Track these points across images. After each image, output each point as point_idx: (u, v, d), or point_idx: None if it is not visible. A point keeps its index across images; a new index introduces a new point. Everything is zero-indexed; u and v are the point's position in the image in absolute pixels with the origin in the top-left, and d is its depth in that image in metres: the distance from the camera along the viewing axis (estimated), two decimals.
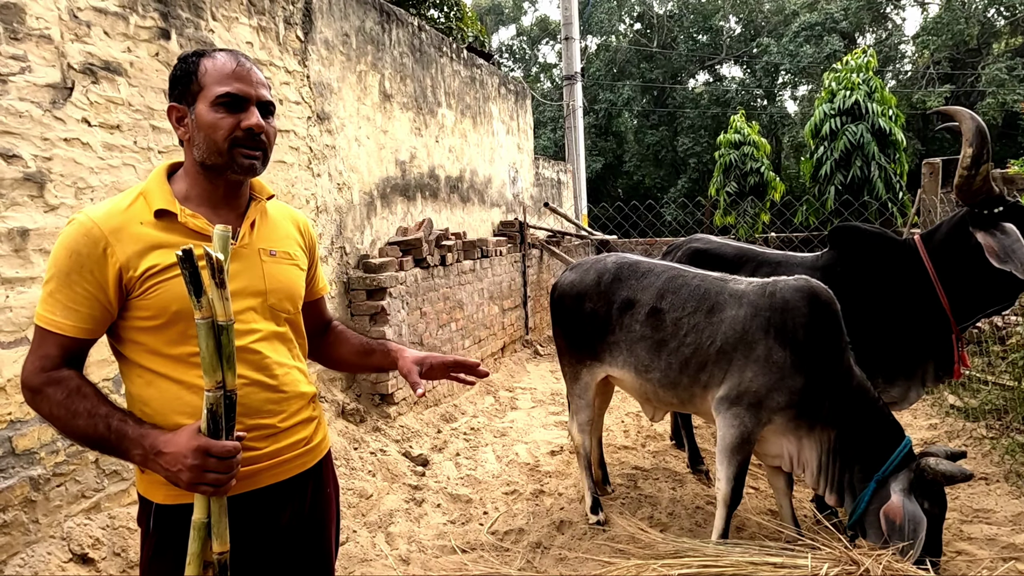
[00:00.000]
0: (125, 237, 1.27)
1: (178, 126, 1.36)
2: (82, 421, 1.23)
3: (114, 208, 1.30)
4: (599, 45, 26.28)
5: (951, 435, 4.34)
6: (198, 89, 1.33)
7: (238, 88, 1.32)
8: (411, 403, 5.01)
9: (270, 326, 1.40)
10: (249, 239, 1.40)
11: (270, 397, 1.38)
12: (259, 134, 1.33)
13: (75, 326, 1.26)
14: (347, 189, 4.85)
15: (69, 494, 2.73)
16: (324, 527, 1.54)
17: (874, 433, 2.55)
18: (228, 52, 1.37)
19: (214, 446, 1.17)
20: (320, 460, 1.52)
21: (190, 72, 1.34)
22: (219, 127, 1.30)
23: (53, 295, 1.26)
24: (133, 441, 1.21)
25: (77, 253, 1.25)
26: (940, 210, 6.44)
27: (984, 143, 2.75)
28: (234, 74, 1.33)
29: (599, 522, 3.32)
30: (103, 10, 2.93)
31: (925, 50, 20.89)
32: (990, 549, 2.93)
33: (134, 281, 1.27)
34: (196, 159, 1.35)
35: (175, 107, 1.36)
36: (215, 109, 1.31)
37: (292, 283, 1.46)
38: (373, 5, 5.26)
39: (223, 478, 1.18)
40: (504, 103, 8.34)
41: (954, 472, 2.29)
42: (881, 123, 9.29)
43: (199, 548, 1.21)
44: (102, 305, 1.27)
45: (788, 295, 2.74)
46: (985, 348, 5.21)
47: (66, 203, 2.75)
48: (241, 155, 1.32)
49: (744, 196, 10.57)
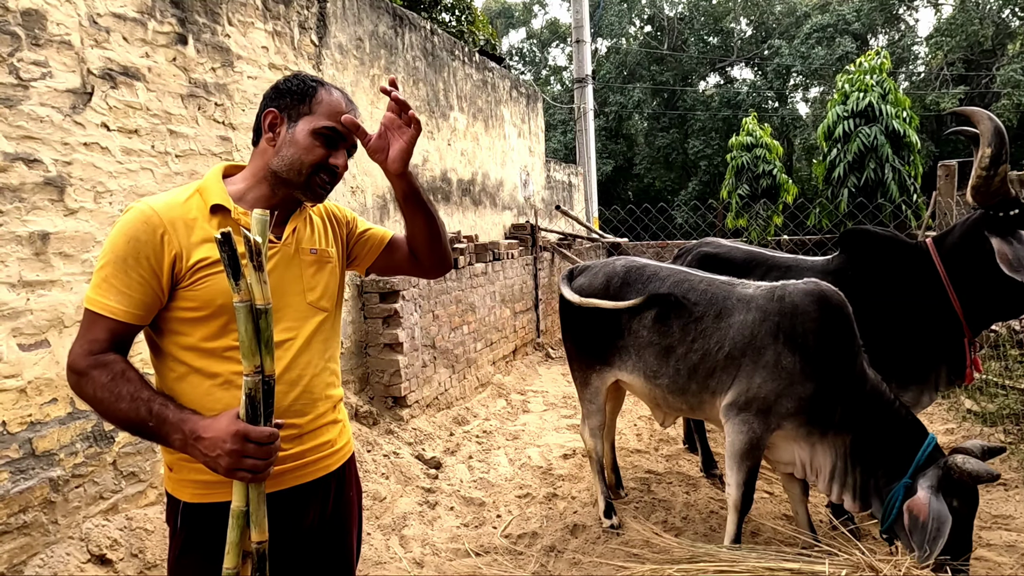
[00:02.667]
0: (181, 227, 1.32)
1: (268, 130, 1.42)
2: (124, 404, 1.24)
3: (172, 200, 1.35)
4: (609, 48, 26.27)
5: (968, 439, 4.29)
6: (307, 112, 1.40)
7: (342, 129, 1.40)
8: (423, 405, 5.02)
9: (307, 325, 1.43)
10: (292, 239, 1.45)
11: (298, 397, 1.40)
12: (339, 173, 1.43)
13: (126, 311, 1.29)
14: (360, 192, 4.87)
15: (87, 495, 2.75)
16: (346, 530, 1.55)
17: (894, 435, 2.51)
18: (344, 94, 1.47)
19: (252, 431, 1.18)
20: (344, 463, 1.53)
21: (306, 93, 1.41)
22: (311, 153, 1.38)
23: (108, 279, 1.28)
24: (173, 426, 1.23)
25: (136, 239, 1.28)
26: (956, 213, 6.38)
27: (1003, 143, 2.72)
28: (342, 115, 1.40)
29: (613, 526, 3.31)
30: (122, 16, 2.97)
31: (939, 51, 20.72)
32: (1010, 556, 2.89)
33: (185, 271, 1.31)
34: (272, 167, 1.40)
35: (274, 112, 1.42)
36: (315, 137, 1.39)
37: (329, 282, 1.50)
38: (386, 10, 5.28)
39: (261, 464, 1.19)
40: (515, 106, 8.35)
41: (980, 472, 2.23)
42: (895, 125, 9.22)
43: (237, 537, 1.21)
44: (154, 291, 1.30)
45: (797, 299, 2.71)
46: (1003, 352, 5.16)
47: (85, 207, 2.78)
48: (317, 184, 1.41)
49: (756, 199, 10.52)
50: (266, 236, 1.20)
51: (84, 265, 2.78)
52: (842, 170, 9.48)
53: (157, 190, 3.11)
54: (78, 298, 2.73)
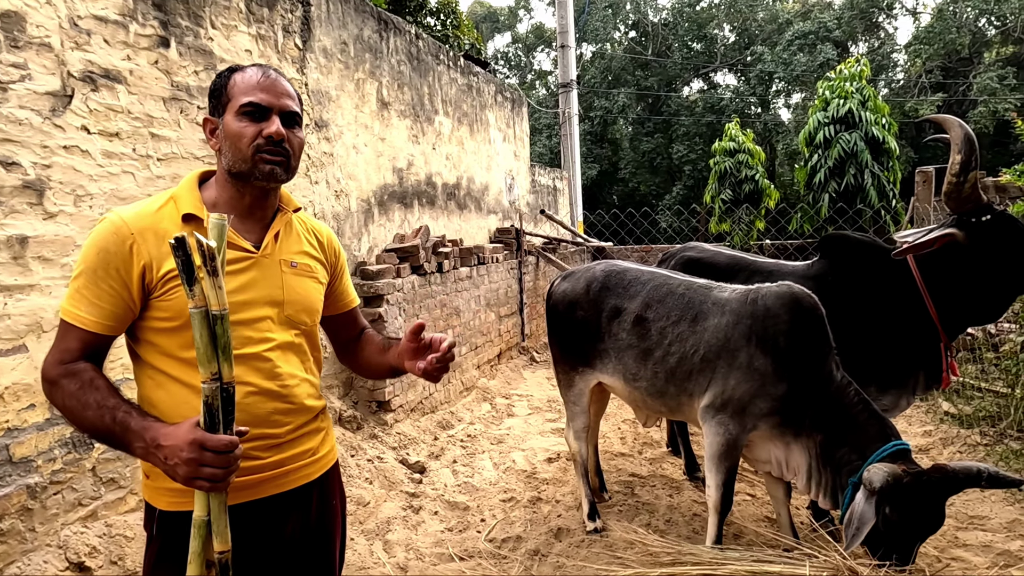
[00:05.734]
0: (151, 237, 1.32)
1: (211, 137, 1.43)
2: (91, 412, 1.24)
3: (144, 210, 1.36)
4: (594, 53, 26.41)
5: (945, 442, 4.36)
6: (227, 100, 1.39)
7: (261, 98, 1.38)
8: (407, 410, 5.01)
9: (285, 336, 1.42)
10: (272, 249, 1.43)
11: (277, 407, 1.39)
12: (280, 141, 1.38)
13: (97, 322, 1.29)
14: (345, 196, 4.85)
15: (66, 502, 2.72)
16: (329, 539, 1.54)
17: (857, 437, 2.52)
18: (257, 66, 1.44)
19: (209, 440, 1.15)
20: (326, 471, 1.52)
21: (222, 85, 1.41)
22: (243, 135, 1.36)
23: (80, 291, 1.29)
24: (135, 433, 1.22)
25: (105, 250, 1.29)
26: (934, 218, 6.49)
27: (973, 151, 2.77)
28: (259, 85, 1.39)
29: (597, 529, 3.32)
30: (103, 18, 2.94)
31: (917, 59, 21.07)
32: (985, 556, 2.94)
33: (156, 281, 1.30)
34: (224, 167, 1.40)
35: (208, 119, 1.43)
36: (239, 118, 1.37)
37: (310, 296, 1.49)
38: (371, 14, 5.28)
39: (219, 473, 1.16)
40: (500, 111, 8.37)
41: (877, 480, 2.24)
42: (874, 131, 9.35)
43: (200, 547, 1.20)
44: (125, 303, 1.31)
45: (769, 302, 2.75)
46: (979, 355, 5.25)
47: (65, 211, 2.76)
48: (262, 161, 1.37)
49: (739, 204, 10.61)
50: (223, 241, 1.18)
51: (63, 269, 2.75)
52: (823, 175, 9.59)
53: (139, 193, 3.08)
54: (57, 302, 2.70)
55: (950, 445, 4.31)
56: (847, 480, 2.50)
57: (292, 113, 1.42)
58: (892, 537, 2.29)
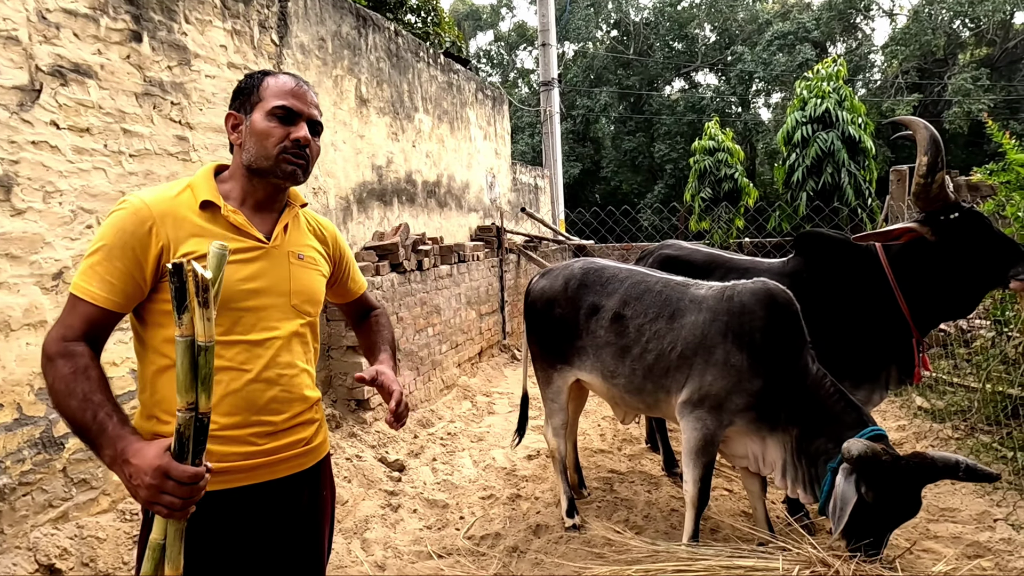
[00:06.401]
0: (170, 221, 1.36)
1: (232, 131, 1.49)
2: (75, 402, 1.24)
3: (163, 194, 1.39)
4: (576, 51, 26.46)
5: (919, 436, 4.44)
6: (257, 100, 1.45)
7: (293, 103, 1.45)
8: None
9: (290, 326, 1.46)
10: (281, 240, 1.49)
11: (276, 396, 1.43)
12: (305, 147, 1.45)
13: (106, 297, 1.31)
14: (323, 194, 4.82)
15: (36, 503, 2.67)
16: (318, 529, 1.56)
17: (835, 426, 2.55)
18: (290, 75, 1.51)
19: (175, 469, 1.15)
20: (318, 462, 1.56)
21: (253, 86, 1.47)
22: (271, 135, 1.43)
23: (93, 267, 1.32)
24: (109, 439, 1.21)
25: (123, 230, 1.32)
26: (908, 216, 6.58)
27: (939, 152, 2.81)
28: (292, 92, 1.46)
29: (575, 526, 3.33)
30: (73, 12, 2.89)
31: (894, 60, 21.38)
32: (955, 547, 3.00)
33: None
34: (244, 162, 1.45)
35: (233, 114, 1.49)
36: (269, 119, 1.43)
37: (315, 287, 1.54)
38: (349, 10, 5.24)
39: (178, 503, 1.15)
40: (481, 108, 8.36)
41: (861, 451, 2.25)
42: (851, 131, 9.48)
43: (152, 570, 1.19)
44: (136, 282, 1.33)
45: (745, 299, 2.78)
46: (951, 351, 5.34)
47: (34, 207, 2.71)
48: (286, 162, 1.43)
49: (718, 202, 10.70)
50: (220, 271, 1.17)
51: (32, 267, 2.70)
52: (801, 174, 9.71)
53: (111, 190, 3.04)
54: (26, 301, 2.66)
55: (923, 439, 4.38)
56: (825, 469, 2.52)
57: (317, 123, 1.50)
58: (867, 520, 2.30)
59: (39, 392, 2.69)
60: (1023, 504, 3.31)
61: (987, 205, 4.48)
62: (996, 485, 3.56)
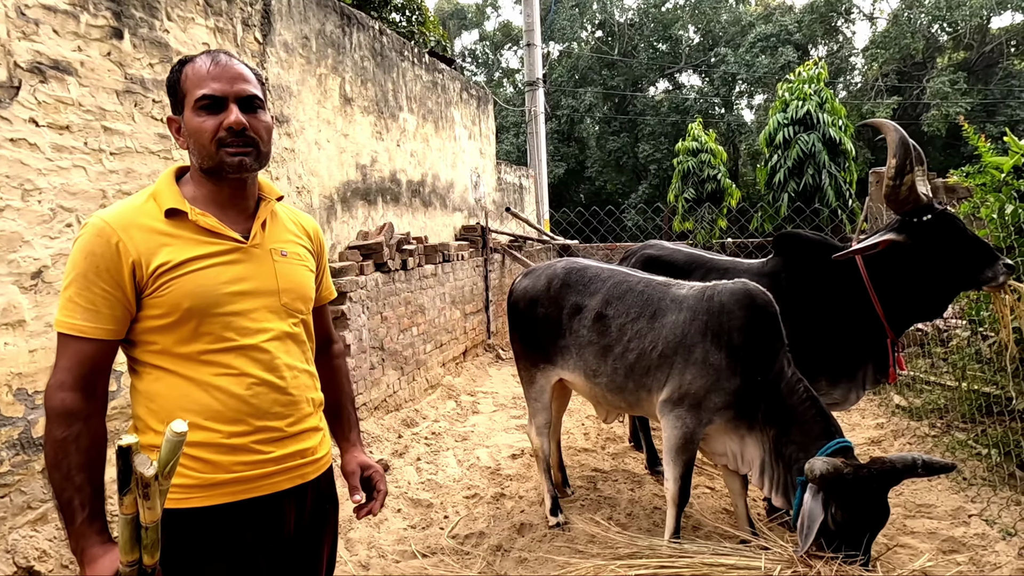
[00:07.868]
0: (136, 234, 1.28)
1: (177, 136, 1.38)
2: (58, 476, 1.22)
3: (125, 208, 1.32)
4: (561, 52, 26.51)
5: (896, 434, 4.51)
6: (183, 96, 1.34)
7: (214, 88, 1.31)
8: (371, 408, 4.98)
9: (282, 326, 1.39)
10: (261, 238, 1.40)
11: (278, 399, 1.36)
12: (243, 130, 1.31)
13: (96, 327, 1.25)
14: (307, 193, 4.80)
15: (14, 505, 2.64)
16: (319, 544, 1.50)
17: (803, 435, 2.58)
18: (207, 54, 1.36)
19: None
20: (322, 473, 1.49)
21: (175, 81, 1.35)
22: (203, 130, 1.31)
23: (72, 299, 1.25)
24: (74, 532, 1.22)
25: (92, 253, 1.25)
26: (886, 217, 6.68)
27: (908, 154, 2.85)
28: (210, 74, 1.31)
29: (559, 524, 3.35)
30: (52, 8, 2.86)
31: (874, 63, 21.66)
32: (931, 542, 3.05)
33: (146, 278, 1.27)
34: (195, 165, 1.36)
35: (172, 119, 1.38)
36: (197, 113, 1.31)
37: (304, 283, 1.46)
38: (333, 8, 5.22)
39: None
40: (466, 108, 8.36)
41: (823, 470, 2.30)
42: (832, 133, 9.60)
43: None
44: (121, 303, 1.27)
45: (724, 298, 2.81)
46: (928, 350, 5.43)
47: (12, 205, 2.67)
48: (228, 154, 1.31)
49: (702, 202, 10.79)
50: (175, 456, 1.07)
51: (10, 266, 2.66)
52: (782, 175, 9.82)
53: (91, 188, 3.01)
54: (4, 300, 2.62)
55: (900, 437, 4.45)
56: (796, 479, 2.56)
57: (251, 97, 1.34)
58: (842, 533, 2.34)
59: (17, 392, 2.66)
60: (997, 500, 3.38)
61: (963, 207, 4.56)
62: (971, 481, 3.63)
